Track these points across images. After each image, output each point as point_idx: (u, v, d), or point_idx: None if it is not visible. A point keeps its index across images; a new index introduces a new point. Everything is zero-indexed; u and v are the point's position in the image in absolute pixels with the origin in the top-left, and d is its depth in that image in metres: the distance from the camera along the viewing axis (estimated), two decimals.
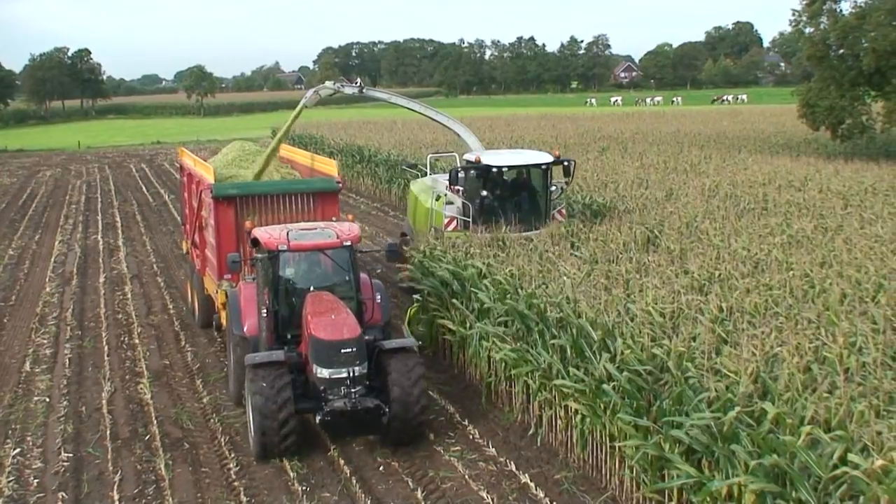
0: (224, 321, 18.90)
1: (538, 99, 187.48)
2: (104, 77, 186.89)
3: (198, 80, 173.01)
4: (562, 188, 23.79)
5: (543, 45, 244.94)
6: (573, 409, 14.27)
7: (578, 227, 21.61)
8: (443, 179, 24.65)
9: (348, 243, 16.24)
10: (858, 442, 9.28)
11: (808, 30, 46.81)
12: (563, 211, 23.92)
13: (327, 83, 25.61)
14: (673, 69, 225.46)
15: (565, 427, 15.02)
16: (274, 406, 14.37)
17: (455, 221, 22.91)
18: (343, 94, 25.88)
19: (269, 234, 16.34)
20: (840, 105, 43.36)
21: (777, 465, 9.72)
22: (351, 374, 14.66)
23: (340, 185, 20.49)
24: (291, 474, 14.55)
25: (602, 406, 13.25)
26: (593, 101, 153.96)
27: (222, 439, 16.09)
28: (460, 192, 22.79)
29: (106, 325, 23.76)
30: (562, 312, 14.93)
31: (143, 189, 54.33)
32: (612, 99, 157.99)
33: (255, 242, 16.55)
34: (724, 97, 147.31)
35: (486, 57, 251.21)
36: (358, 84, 26.16)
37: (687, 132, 58.69)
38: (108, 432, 16.60)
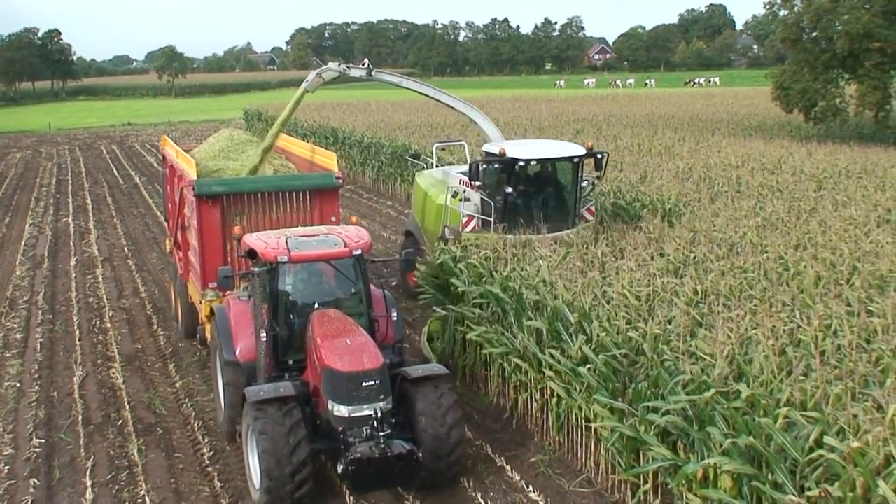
0: (209, 336, 16.89)
1: (512, 81, 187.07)
2: (74, 58, 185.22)
3: (169, 60, 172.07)
4: (593, 183, 21.45)
5: (517, 26, 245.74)
6: (549, 392, 14.27)
7: (613, 228, 20.22)
8: (455, 172, 22.38)
9: (358, 252, 13.94)
10: (834, 424, 9.29)
11: (781, 12, 46.91)
12: (592, 209, 21.68)
13: (331, 65, 23.23)
14: (646, 51, 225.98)
15: (541, 410, 15.02)
16: (286, 449, 12.05)
17: (474, 221, 20.33)
18: (349, 77, 23.83)
19: (265, 242, 13.90)
20: (813, 88, 43.49)
21: (753, 446, 9.73)
22: (377, 413, 12.30)
23: (341, 180, 18.07)
24: None
25: (578, 388, 13.25)
26: (562, 83, 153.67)
27: (195, 424, 15.99)
28: (481, 188, 20.27)
29: (77, 309, 23.55)
30: (538, 295, 14.90)
31: (114, 171, 53.90)
32: (586, 81, 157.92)
33: (252, 254, 13.98)
34: (696, 80, 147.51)
35: (461, 38, 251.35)
36: (366, 66, 23.67)
37: (661, 114, 58.74)
38: (80, 417, 16.45)
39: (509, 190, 19.85)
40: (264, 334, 13.63)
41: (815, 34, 45.02)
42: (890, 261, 15.19)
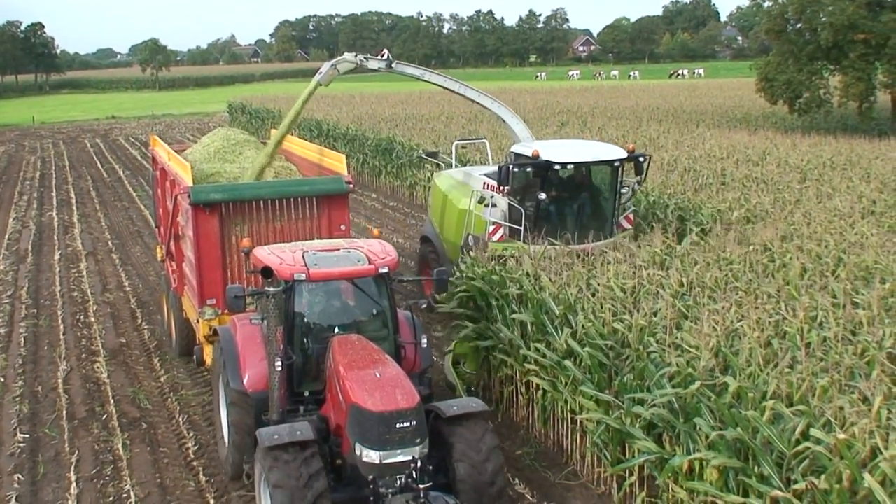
0: (207, 358, 15.67)
1: (497, 73, 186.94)
2: (58, 51, 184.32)
3: (153, 53, 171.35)
4: (633, 189, 19.47)
5: (502, 18, 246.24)
6: (535, 385, 14.25)
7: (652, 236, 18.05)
8: (478, 174, 20.50)
9: (385, 269, 12.26)
10: (820, 417, 9.30)
11: (766, 4, 47.11)
12: (631, 217, 19.79)
13: (347, 56, 21.17)
14: (631, 43, 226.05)
15: (526, 403, 15.01)
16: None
17: (502, 229, 18.70)
18: (366, 69, 21.78)
19: (279, 257, 12.38)
20: (798, 79, 43.62)
21: (739, 439, 9.73)
22: (414, 461, 10.65)
23: (351, 185, 16.44)
24: None
25: (563, 381, 13.24)
26: (544, 75, 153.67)
27: (180, 419, 15.92)
28: (510, 194, 18.68)
29: (61, 304, 23.42)
30: (523, 288, 14.88)
31: (98, 165, 53.65)
32: (570, 73, 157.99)
33: (267, 273, 11.83)
34: (680, 71, 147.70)
35: (445, 30, 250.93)
36: (386, 57, 21.61)
37: (645, 106, 58.80)
38: (64, 412, 16.36)
39: (543, 196, 18.02)
40: (279, 363, 11.70)
41: (799, 25, 45.22)
42: (875, 252, 15.22)
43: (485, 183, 19.54)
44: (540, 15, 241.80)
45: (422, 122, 48.30)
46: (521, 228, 18.21)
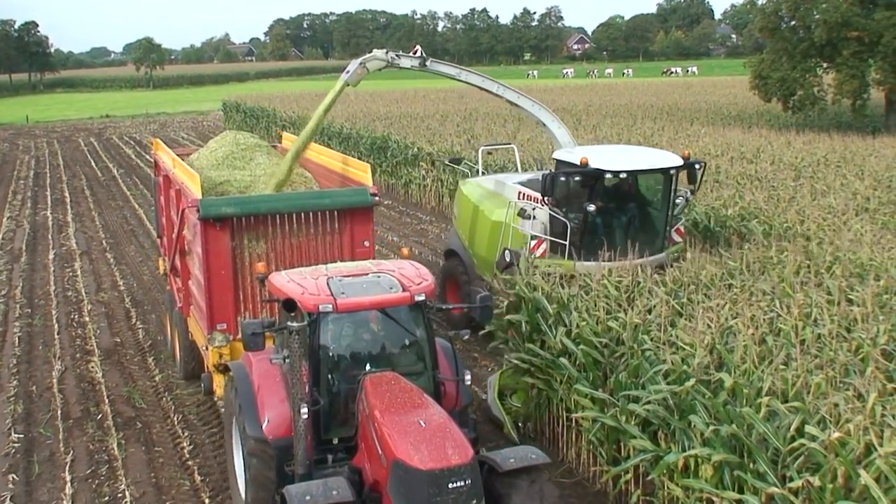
0: (217, 389, 14.46)
1: (491, 71, 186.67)
2: (52, 50, 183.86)
3: (147, 52, 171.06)
4: (687, 199, 17.98)
5: (496, 16, 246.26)
6: (530, 383, 14.24)
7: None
8: (511, 182, 19.00)
9: (421, 297, 10.69)
10: (815, 414, 9.31)
11: (760, 1, 47.20)
12: (682, 229, 18.43)
13: (377, 52, 19.56)
14: (625, 41, 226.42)
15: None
16: None
17: (544, 244, 17.19)
18: (396, 67, 20.00)
19: (301, 285, 10.78)
20: (792, 77, 43.70)
21: (735, 435, 9.75)
22: None
23: (377, 197, 14.97)
24: None
25: (559, 379, 13.23)
26: (535, 73, 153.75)
27: (175, 418, 15.89)
28: (555, 205, 17.06)
29: (56, 303, 23.35)
30: (516, 287, 14.87)
31: (93, 164, 53.53)
32: (564, 71, 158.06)
33: (290, 306, 10.21)
34: (673, 69, 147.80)
35: (439, 29, 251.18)
36: (419, 55, 20.09)
37: (640, 104, 58.83)
38: (59, 412, 16.31)
39: (592, 207, 16.35)
40: (305, 409, 10.16)
41: (793, 23, 45.27)
42: (870, 249, 15.24)
43: (520, 192, 18.12)
44: (534, 13, 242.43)
45: (416, 120, 48.26)
46: (566, 243, 16.78)
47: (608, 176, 16.57)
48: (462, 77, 20.81)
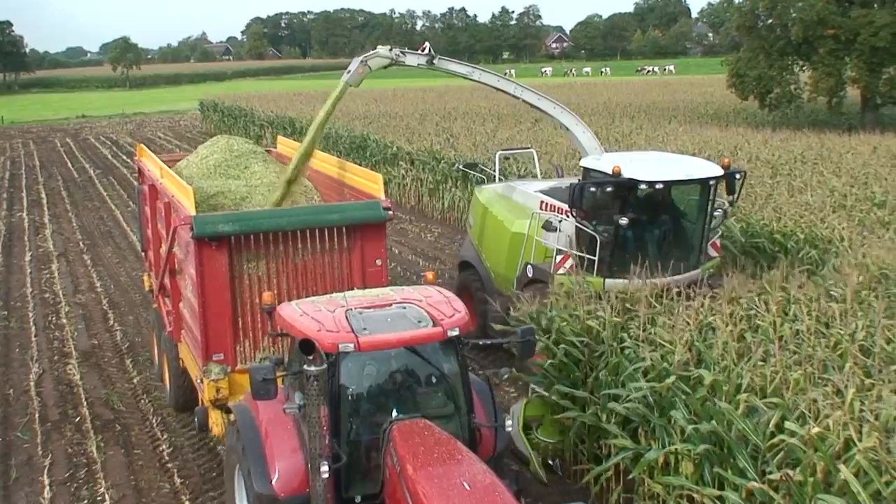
0: (215, 427, 12.90)
1: None
2: (27, 50, 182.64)
3: (123, 51, 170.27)
4: (725, 211, 16.49)
5: (475, 15, 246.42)
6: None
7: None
8: (533, 191, 17.70)
9: (455, 332, 9.26)
10: (794, 410, 9.35)
11: (737, 0, 47.28)
12: (718, 243, 17.09)
13: (381, 50, 17.99)
14: (603, 40, 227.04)
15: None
16: None
17: (571, 259, 15.74)
18: (402, 65, 18.44)
19: (315, 319, 9.34)
20: (768, 75, 43.98)
21: (715, 432, 9.79)
22: None
23: (391, 212, 13.56)
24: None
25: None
26: (512, 72, 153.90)
27: (154, 420, 15.80)
28: (584, 217, 15.61)
29: (32, 305, 23.18)
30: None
31: (69, 164, 53.19)
32: (542, 69, 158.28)
33: (308, 347, 8.54)
34: (648, 68, 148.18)
35: (418, 28, 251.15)
36: (427, 52, 18.61)
37: (618, 103, 58.98)
38: (36, 415, 16.18)
39: (624, 221, 14.98)
40: (326, 467, 8.53)
41: (770, 21, 45.56)
42: (846, 245, 15.32)
43: (543, 202, 16.87)
44: (513, 12, 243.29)
45: (395, 119, 48.28)
46: (595, 258, 15.36)
47: (643, 187, 15.13)
48: (475, 76, 19.16)
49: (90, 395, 17.08)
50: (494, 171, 20.64)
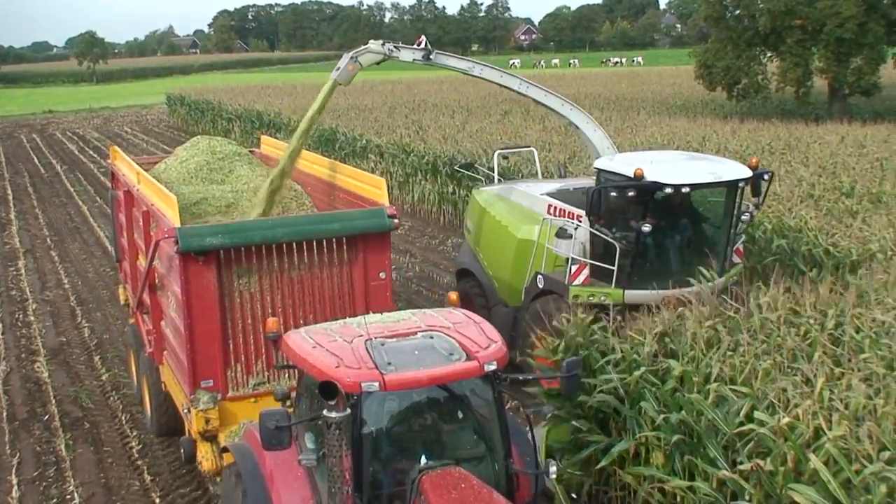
0: (205, 462, 11.81)
1: None
2: None
3: (89, 46, 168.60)
4: (752, 215, 15.43)
5: (443, 7, 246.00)
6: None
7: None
8: (539, 194, 16.55)
9: (492, 366, 8.08)
10: (764, 399, 9.39)
11: None
12: (741, 249, 16.02)
13: (372, 45, 16.88)
14: (571, 31, 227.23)
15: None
16: None
17: (586, 269, 14.59)
18: (396, 61, 17.36)
19: (332, 351, 8.13)
20: (736, 65, 44.14)
21: (685, 422, 9.82)
22: None
23: (396, 220, 12.48)
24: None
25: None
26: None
27: (123, 417, 15.73)
28: (606, 224, 14.45)
29: (0, 302, 23.01)
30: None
31: (35, 160, 52.72)
32: (511, 61, 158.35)
33: (330, 391, 7.34)
34: (613, 59, 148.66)
35: (386, 20, 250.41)
36: (424, 47, 17.46)
37: (586, 94, 59.00)
38: (4, 413, 16.09)
39: (647, 227, 13.81)
40: None
41: (737, 12, 45.75)
42: (815, 235, 15.41)
43: (551, 206, 15.79)
44: (481, 3, 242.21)
45: (364, 112, 48.14)
46: (613, 268, 14.16)
47: (668, 191, 13.84)
48: (475, 72, 17.94)
49: (59, 392, 16.98)
50: (492, 171, 19.50)
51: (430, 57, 17.35)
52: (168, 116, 74.42)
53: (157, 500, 12.90)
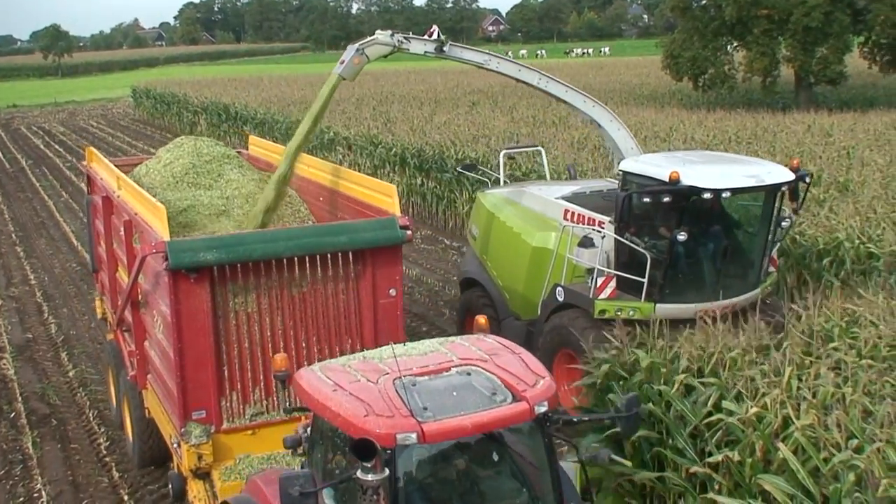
0: (196, 500, 10.65)
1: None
2: None
3: (54, 39, 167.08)
4: (791, 220, 14.13)
5: None
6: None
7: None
8: (554, 198, 15.12)
9: (543, 408, 6.94)
10: (732, 389, 9.44)
11: None
12: (776, 258, 14.60)
13: (380, 36, 15.38)
14: (539, 22, 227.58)
15: None
16: None
17: (613, 281, 13.03)
18: (406, 53, 15.97)
19: (356, 395, 6.87)
20: (703, 55, 44.29)
21: (652, 413, 9.86)
22: None
23: (410, 232, 11.19)
24: None
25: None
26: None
27: (90, 414, 15.60)
28: (637, 233, 13.05)
29: None
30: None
31: (0, 155, 52.22)
32: None
33: (367, 451, 6.00)
34: (576, 50, 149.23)
35: (353, 11, 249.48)
36: (435, 38, 16.20)
37: None
38: None
39: (683, 236, 12.37)
40: None
41: (704, 2, 45.90)
42: None
43: (567, 211, 14.42)
44: None
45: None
46: (643, 280, 12.68)
47: (706, 196, 12.37)
48: (492, 66, 16.62)
49: (25, 389, 16.85)
50: (499, 174, 17.99)
51: (444, 49, 15.99)
52: (134, 110, 73.88)
53: (126, 497, 12.80)
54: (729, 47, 46.09)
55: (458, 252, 24.78)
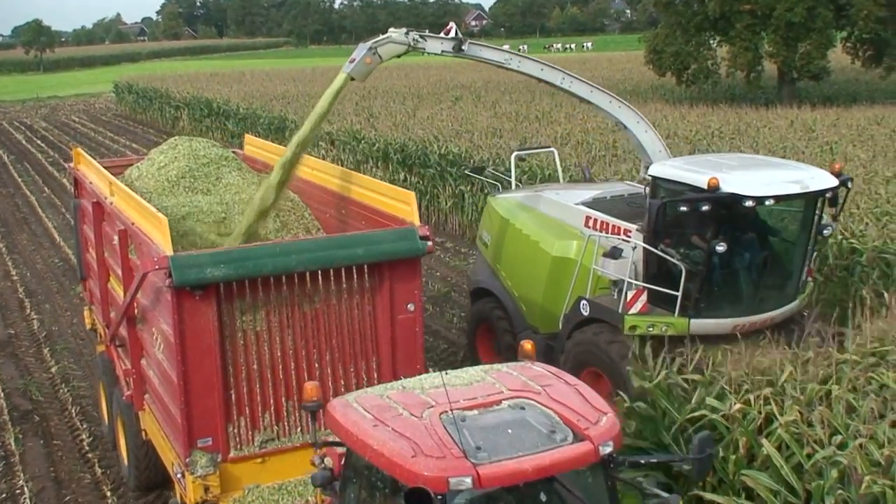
0: None
1: None
2: None
3: (36, 34, 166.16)
4: (832, 227, 13.02)
5: None
6: None
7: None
8: (574, 203, 14.13)
9: (608, 448, 6.10)
10: (716, 386, 9.47)
11: None
12: (812, 268, 13.59)
13: (394, 34, 14.21)
14: (522, 17, 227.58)
15: None
16: None
17: (644, 295, 12.06)
18: (422, 52, 14.72)
19: (401, 434, 6.03)
20: (686, 50, 44.43)
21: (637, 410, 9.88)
22: None
23: (430, 243, 10.38)
24: None
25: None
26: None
27: (73, 410, 15.56)
28: (672, 244, 12.04)
29: None
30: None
31: None
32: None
33: (420, 501, 5.30)
34: (556, 45, 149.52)
35: (336, 5, 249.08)
36: (453, 36, 14.89)
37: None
38: None
39: (722, 247, 11.37)
40: None
41: None
42: None
43: (589, 218, 13.53)
44: None
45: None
46: (677, 294, 11.70)
47: (748, 204, 11.37)
48: (513, 65, 15.46)
49: (7, 385, 16.80)
50: (510, 177, 16.97)
51: (462, 48, 14.77)
52: (116, 105, 73.56)
53: (109, 494, 12.79)
54: (712, 42, 46.23)
55: (443, 248, 24.75)
